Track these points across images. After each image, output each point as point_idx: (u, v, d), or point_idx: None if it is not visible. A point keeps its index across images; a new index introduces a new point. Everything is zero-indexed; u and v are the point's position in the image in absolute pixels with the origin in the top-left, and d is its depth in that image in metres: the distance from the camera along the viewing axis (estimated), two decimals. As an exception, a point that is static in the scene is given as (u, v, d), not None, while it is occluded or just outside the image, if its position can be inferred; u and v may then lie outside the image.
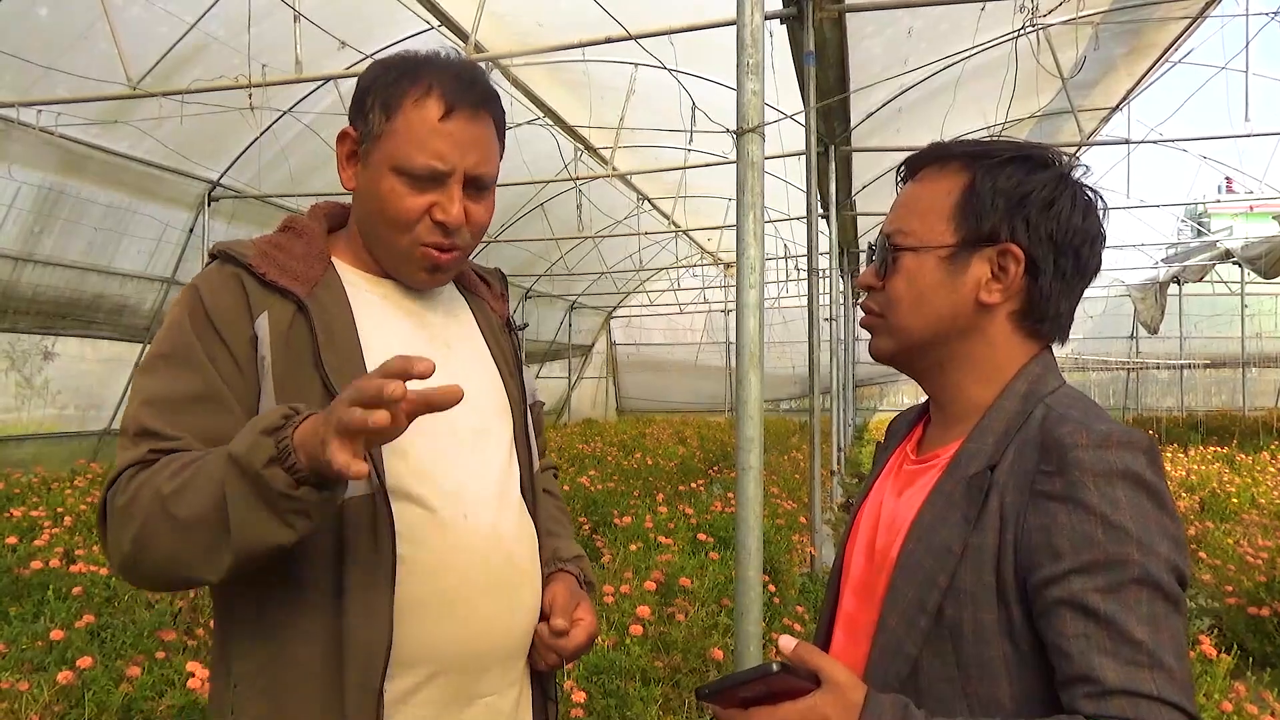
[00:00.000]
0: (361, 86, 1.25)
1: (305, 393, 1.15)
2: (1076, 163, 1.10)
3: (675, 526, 5.26)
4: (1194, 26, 7.47)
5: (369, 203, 1.24)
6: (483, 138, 1.24)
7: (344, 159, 1.26)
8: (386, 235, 1.24)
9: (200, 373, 1.14)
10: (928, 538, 1.02)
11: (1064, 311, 1.08)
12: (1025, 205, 1.05)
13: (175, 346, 1.16)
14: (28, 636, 3.31)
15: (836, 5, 5.02)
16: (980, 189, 1.06)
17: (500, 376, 1.36)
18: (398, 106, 1.20)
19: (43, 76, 6.46)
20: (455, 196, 1.22)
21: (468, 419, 1.26)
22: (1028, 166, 1.07)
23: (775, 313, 16.82)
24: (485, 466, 1.28)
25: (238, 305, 1.17)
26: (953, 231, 1.07)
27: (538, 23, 7.21)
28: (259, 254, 1.20)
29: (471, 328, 1.38)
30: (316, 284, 1.21)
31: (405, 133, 1.19)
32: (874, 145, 8.25)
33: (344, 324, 1.20)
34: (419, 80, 1.21)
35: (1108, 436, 0.94)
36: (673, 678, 3.32)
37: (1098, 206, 1.09)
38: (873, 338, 1.16)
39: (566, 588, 1.35)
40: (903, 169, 1.16)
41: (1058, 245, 1.05)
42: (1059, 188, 1.06)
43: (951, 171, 1.09)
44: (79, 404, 8.78)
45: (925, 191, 1.11)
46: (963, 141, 1.12)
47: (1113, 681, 0.86)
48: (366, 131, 1.22)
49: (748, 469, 2.29)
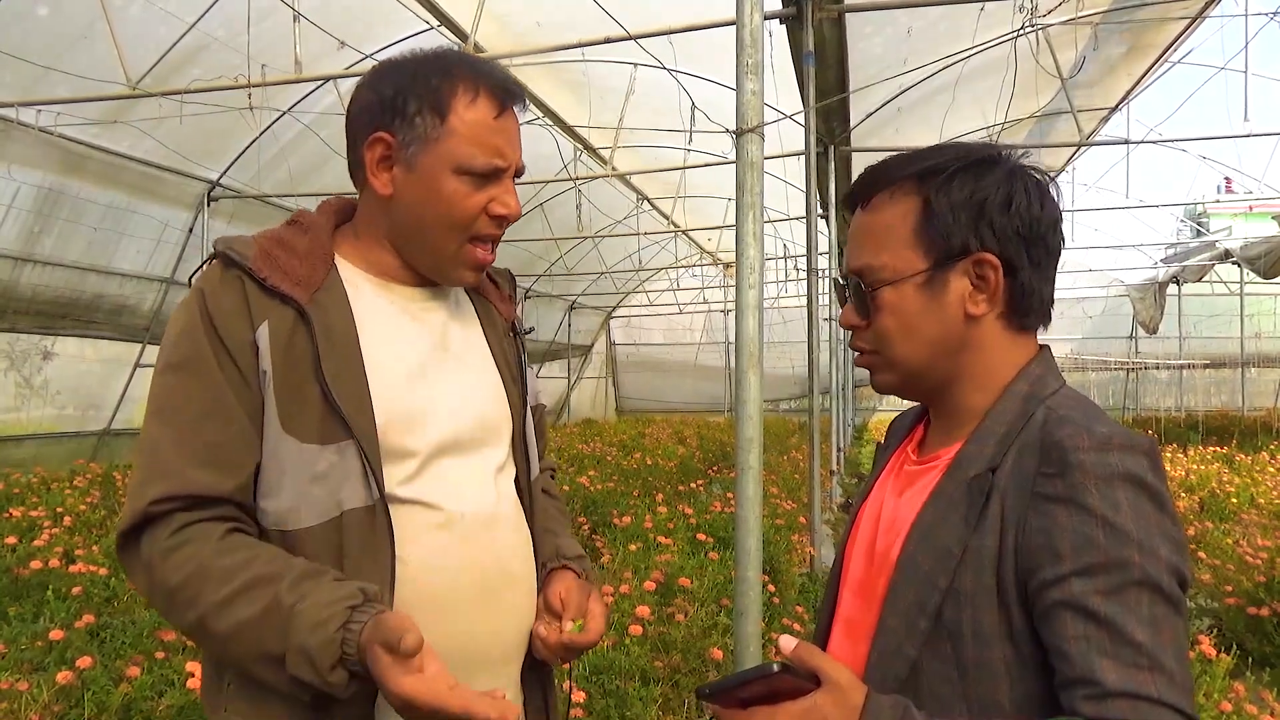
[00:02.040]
0: (393, 89, 1.21)
1: (305, 400, 1.15)
2: (1017, 150, 1.10)
3: (675, 526, 5.26)
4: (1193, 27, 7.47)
5: (421, 206, 1.22)
6: (519, 131, 1.28)
7: (374, 165, 1.23)
8: (441, 237, 1.24)
9: (211, 385, 1.15)
10: (928, 539, 1.02)
11: (1046, 298, 1.09)
12: (985, 211, 1.04)
13: (186, 357, 1.16)
14: (27, 636, 3.32)
15: (836, 5, 5.02)
16: (937, 207, 1.05)
17: (502, 381, 1.36)
18: (449, 108, 1.20)
19: (42, 76, 6.46)
20: (511, 188, 1.25)
21: (467, 424, 1.27)
22: (976, 172, 1.06)
23: (775, 313, 16.80)
24: (483, 471, 1.28)
25: (240, 312, 1.17)
26: (922, 256, 1.06)
27: (537, 23, 7.20)
28: (260, 254, 1.19)
29: (475, 331, 1.37)
30: (318, 288, 1.20)
31: (465, 133, 1.20)
32: (873, 145, 8.25)
33: (344, 330, 1.20)
34: (463, 80, 1.21)
35: (1109, 439, 0.94)
36: (672, 678, 3.32)
37: (1050, 188, 1.08)
38: (873, 374, 1.15)
39: (576, 584, 1.35)
40: (851, 199, 1.14)
41: (1027, 239, 1.05)
42: (1011, 183, 1.05)
43: (902, 195, 1.08)
44: (78, 404, 8.78)
45: (881, 220, 1.09)
46: (900, 159, 1.10)
47: (1113, 684, 0.86)
48: (412, 135, 1.20)
49: (747, 469, 2.29)
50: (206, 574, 1.10)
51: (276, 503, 1.16)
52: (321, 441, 1.14)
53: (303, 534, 1.15)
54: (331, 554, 1.15)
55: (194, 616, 1.10)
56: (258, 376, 1.16)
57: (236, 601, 1.08)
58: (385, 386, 1.19)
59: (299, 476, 1.15)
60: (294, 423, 1.15)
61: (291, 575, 1.09)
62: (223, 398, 1.14)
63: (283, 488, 1.15)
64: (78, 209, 7.70)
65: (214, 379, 1.15)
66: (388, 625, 1.02)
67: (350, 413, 1.15)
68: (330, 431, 1.15)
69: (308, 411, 1.15)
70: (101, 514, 5.60)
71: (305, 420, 1.15)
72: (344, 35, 6.69)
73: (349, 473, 1.15)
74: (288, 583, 1.08)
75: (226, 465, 1.14)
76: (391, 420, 1.18)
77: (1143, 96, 8.93)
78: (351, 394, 1.16)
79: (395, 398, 1.20)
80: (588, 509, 6.62)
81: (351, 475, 1.15)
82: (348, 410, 1.15)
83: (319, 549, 1.15)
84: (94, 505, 5.76)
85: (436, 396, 1.25)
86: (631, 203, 11.53)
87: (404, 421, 1.20)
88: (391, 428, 1.18)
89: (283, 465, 1.15)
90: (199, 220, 8.80)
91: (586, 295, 18.91)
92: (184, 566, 1.10)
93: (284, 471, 1.15)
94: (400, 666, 1.00)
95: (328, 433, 1.15)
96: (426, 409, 1.23)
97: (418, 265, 1.29)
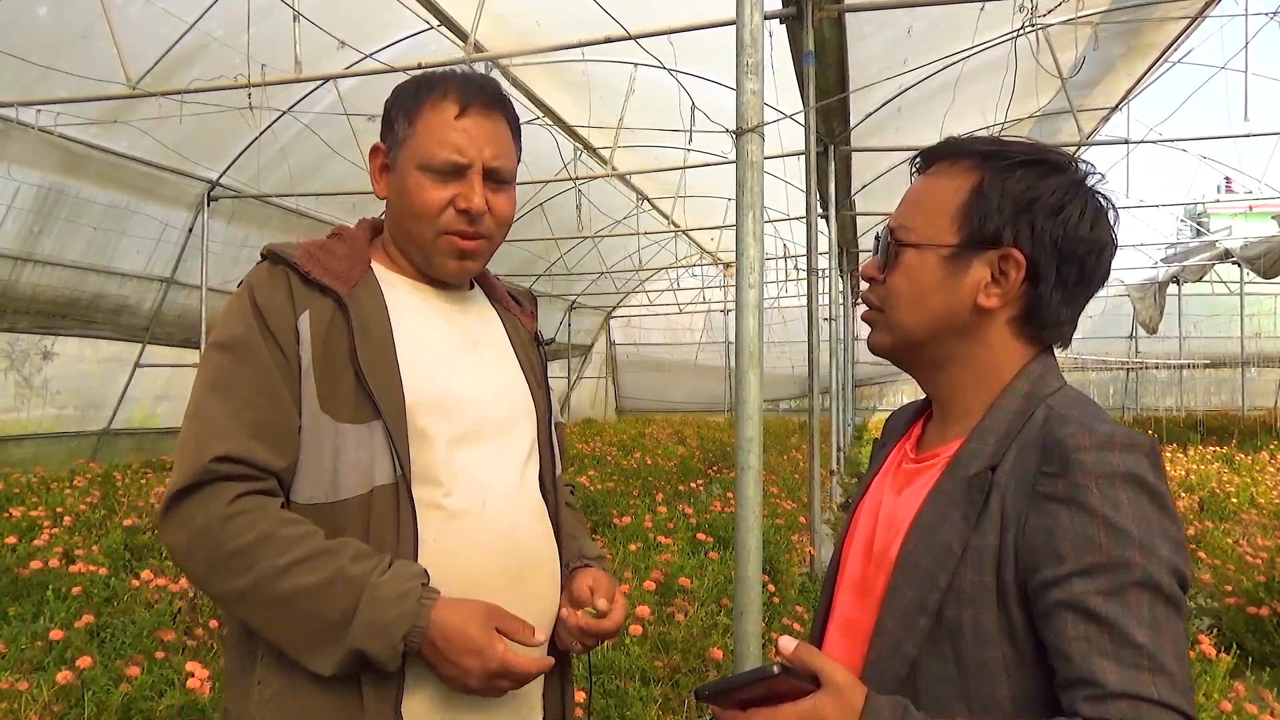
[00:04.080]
0: (389, 104, 1.37)
1: (340, 382, 1.24)
2: (1093, 170, 1.07)
3: (674, 526, 5.27)
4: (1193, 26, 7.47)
5: (397, 202, 1.34)
6: (498, 133, 1.35)
7: (377, 173, 1.38)
8: (414, 228, 1.33)
9: (261, 368, 1.23)
10: (928, 538, 1.02)
11: (1065, 319, 1.07)
12: (1031, 210, 1.03)
13: (238, 340, 1.25)
14: (27, 636, 3.32)
15: (836, 5, 5.02)
16: (988, 190, 1.04)
17: (527, 383, 1.44)
18: (418, 112, 1.32)
19: (42, 76, 6.46)
20: (476, 186, 1.31)
21: (493, 414, 1.34)
22: (1040, 170, 1.04)
23: (774, 313, 16.79)
24: (506, 461, 1.35)
25: (285, 302, 1.26)
26: (955, 231, 1.06)
27: (537, 23, 7.20)
28: (305, 255, 1.30)
29: (500, 334, 1.46)
30: (356, 284, 1.30)
31: (426, 132, 1.31)
32: (873, 145, 8.25)
33: (379, 321, 1.28)
34: (436, 87, 1.33)
35: (1110, 438, 0.94)
36: (672, 677, 3.32)
37: (1109, 216, 1.06)
38: (871, 331, 1.15)
39: (603, 574, 1.42)
40: (918, 160, 1.14)
41: (1062, 253, 1.03)
42: (1069, 194, 1.04)
43: (963, 169, 1.07)
44: (78, 404, 8.78)
45: (935, 187, 1.09)
46: (979, 139, 1.10)
47: (1114, 684, 0.86)
48: (394, 141, 1.34)
49: (747, 469, 2.29)
50: (269, 540, 1.16)
51: (313, 476, 1.23)
52: (354, 421, 1.23)
53: (338, 506, 1.22)
54: (360, 529, 1.22)
55: (248, 581, 1.15)
56: (298, 360, 1.24)
57: (298, 568, 1.15)
58: (415, 372, 1.28)
59: (334, 452, 1.22)
60: (330, 403, 1.23)
61: (350, 551, 1.17)
62: (272, 380, 1.23)
63: (321, 462, 1.23)
64: (77, 209, 7.69)
65: (264, 363, 1.23)
66: (494, 612, 1.19)
67: (380, 393, 1.23)
68: (362, 411, 1.23)
69: (342, 393, 1.23)
70: (101, 514, 5.60)
71: (340, 400, 1.23)
72: (344, 35, 6.68)
73: (378, 451, 1.22)
74: (349, 557, 1.16)
75: (277, 443, 1.22)
76: (419, 403, 1.26)
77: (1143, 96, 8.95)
78: (382, 376, 1.24)
79: (424, 382, 1.28)
80: (588, 509, 6.62)
81: (380, 454, 1.22)
82: (378, 391, 1.23)
83: (350, 522, 1.22)
84: (94, 505, 5.76)
85: (465, 385, 1.33)
86: (631, 202, 11.53)
87: (432, 405, 1.27)
88: (419, 410, 1.25)
89: (321, 441, 1.23)
90: (199, 220, 8.79)
91: (586, 295, 18.92)
92: (246, 533, 1.16)
93: (322, 447, 1.23)
94: (502, 643, 1.16)
95: (360, 412, 1.23)
96: (455, 395, 1.31)
97: (412, 261, 1.38)
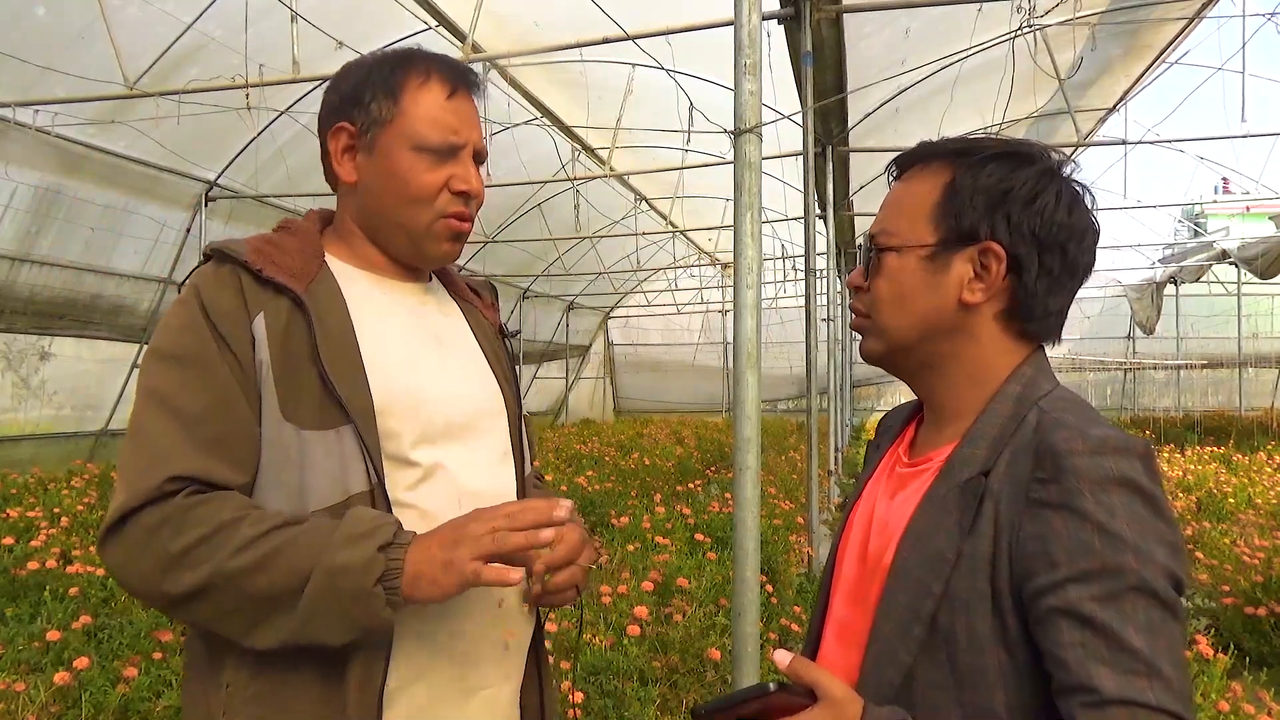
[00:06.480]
0: (352, 83, 1.28)
1: (303, 388, 1.15)
2: (1064, 158, 1.08)
3: (673, 527, 5.27)
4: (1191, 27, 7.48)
5: (383, 185, 1.26)
6: (477, 115, 1.32)
7: (339, 153, 1.28)
8: (408, 213, 1.27)
9: (215, 380, 1.14)
10: (921, 544, 1.01)
11: (1054, 310, 1.07)
12: (1006, 202, 1.03)
13: (187, 351, 1.16)
14: (24, 637, 3.31)
15: (834, 6, 5.02)
16: (961, 186, 1.05)
17: (495, 378, 1.38)
18: (402, 90, 1.25)
19: (40, 76, 6.45)
20: (471, 168, 1.28)
21: (464, 410, 1.28)
22: (1011, 163, 1.05)
23: (773, 313, 16.79)
24: (479, 460, 1.29)
25: (236, 306, 1.17)
26: (933, 231, 1.06)
27: (535, 23, 7.20)
28: (254, 251, 1.20)
29: (464, 328, 1.40)
30: (313, 280, 1.22)
31: (417, 112, 1.25)
32: (871, 145, 8.25)
33: (340, 319, 1.21)
34: (415, 66, 1.27)
35: (1104, 442, 0.93)
36: (670, 678, 3.32)
37: (1086, 201, 1.07)
38: (862, 339, 1.15)
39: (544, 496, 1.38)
40: (893, 168, 1.15)
41: (1042, 241, 1.03)
42: (1042, 183, 1.04)
43: (936, 170, 1.08)
44: (76, 404, 8.76)
45: (910, 190, 1.10)
46: (950, 139, 1.11)
47: (1110, 690, 0.86)
48: (369, 121, 1.25)
49: (745, 469, 2.29)
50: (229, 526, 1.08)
51: (277, 489, 1.15)
52: (320, 427, 1.15)
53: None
54: None
55: (209, 568, 1.07)
56: (255, 367, 1.16)
57: (262, 541, 1.07)
58: (381, 372, 1.20)
59: (299, 462, 1.15)
60: (292, 410, 1.15)
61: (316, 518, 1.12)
62: (228, 391, 1.14)
63: (285, 474, 1.15)
64: (75, 209, 7.68)
65: (217, 374, 1.14)
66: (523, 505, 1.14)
67: (347, 396, 1.15)
68: (328, 416, 1.15)
69: (306, 398, 1.15)
70: (99, 515, 5.59)
71: (304, 407, 1.15)
72: (342, 35, 6.67)
73: (349, 457, 1.15)
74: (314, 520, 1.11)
75: (235, 459, 1.14)
76: (388, 404, 1.19)
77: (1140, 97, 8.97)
78: (347, 378, 1.16)
79: (391, 382, 1.21)
80: (586, 509, 6.62)
81: (352, 460, 1.15)
82: (344, 394, 1.15)
83: None
84: (91, 506, 5.76)
85: (433, 383, 1.26)
86: (629, 203, 11.53)
87: (401, 405, 1.20)
88: (388, 411, 1.19)
89: (285, 451, 1.15)
90: (196, 220, 8.78)
91: (584, 295, 18.91)
92: (201, 525, 1.08)
93: (286, 457, 1.15)
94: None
95: (326, 418, 1.15)
96: (423, 394, 1.24)
97: (394, 249, 1.31)
